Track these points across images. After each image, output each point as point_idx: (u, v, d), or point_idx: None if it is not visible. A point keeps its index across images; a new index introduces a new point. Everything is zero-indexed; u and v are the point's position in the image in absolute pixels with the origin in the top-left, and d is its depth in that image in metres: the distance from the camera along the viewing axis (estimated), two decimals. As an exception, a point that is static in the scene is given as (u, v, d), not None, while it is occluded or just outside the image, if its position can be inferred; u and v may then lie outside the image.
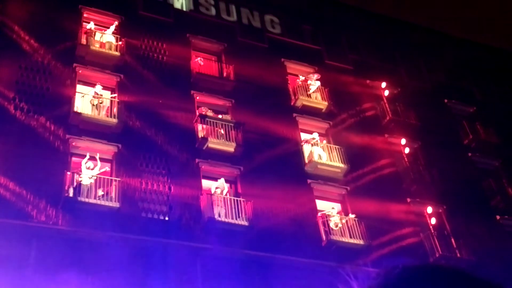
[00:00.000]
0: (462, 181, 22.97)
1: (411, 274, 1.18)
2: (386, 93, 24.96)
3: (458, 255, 20.05)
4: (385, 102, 24.51)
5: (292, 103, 22.35)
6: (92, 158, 16.79)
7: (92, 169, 16.55)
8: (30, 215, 15.13)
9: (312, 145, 20.80)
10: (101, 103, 18.38)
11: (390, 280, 1.18)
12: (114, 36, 20.36)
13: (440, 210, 21.55)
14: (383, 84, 25.15)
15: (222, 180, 18.21)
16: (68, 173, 16.29)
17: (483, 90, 28.90)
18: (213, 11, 24.29)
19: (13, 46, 18.59)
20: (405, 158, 22.70)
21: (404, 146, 23.08)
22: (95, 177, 16.38)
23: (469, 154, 24.77)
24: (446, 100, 26.82)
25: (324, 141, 21.24)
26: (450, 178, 22.49)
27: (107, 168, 17.11)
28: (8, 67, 18.02)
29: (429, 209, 21.10)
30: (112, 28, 20.58)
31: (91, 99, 18.30)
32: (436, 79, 27.73)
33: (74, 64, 19.14)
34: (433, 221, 20.94)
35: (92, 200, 15.88)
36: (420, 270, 1.19)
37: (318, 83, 23.11)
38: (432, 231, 20.54)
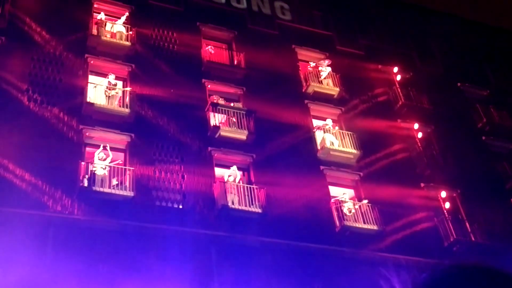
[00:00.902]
0: (476, 164, 22.83)
1: (456, 272, 1.17)
2: (398, 77, 24.79)
3: (473, 239, 19.98)
4: (397, 86, 24.34)
5: (303, 90, 22.28)
6: (105, 149, 16.94)
7: (104, 159, 16.70)
8: (46, 205, 15.31)
9: (324, 131, 20.76)
10: (116, 93, 18.48)
11: (435, 278, 1.18)
12: (125, 26, 20.39)
13: (454, 194, 21.45)
14: (395, 69, 24.97)
15: (234, 168, 18.27)
16: (83, 163, 16.44)
17: (496, 73, 28.57)
18: (223, -1, 24.21)
19: (25, 37, 18.69)
20: (418, 143, 22.57)
21: (417, 130, 22.94)
22: (108, 167, 16.50)
23: (483, 138, 24.57)
24: (459, 84, 26.56)
25: (336, 127, 21.18)
26: (464, 162, 22.37)
27: (120, 161, 17.20)
28: (20, 59, 18.14)
29: (443, 194, 21.00)
30: (123, 18, 20.61)
31: (105, 90, 18.38)
32: (449, 63, 27.44)
33: (86, 55, 19.22)
34: (447, 205, 20.86)
35: (106, 190, 16.02)
36: (465, 269, 1.17)
37: (329, 69, 23.01)
38: (447, 216, 20.47)
